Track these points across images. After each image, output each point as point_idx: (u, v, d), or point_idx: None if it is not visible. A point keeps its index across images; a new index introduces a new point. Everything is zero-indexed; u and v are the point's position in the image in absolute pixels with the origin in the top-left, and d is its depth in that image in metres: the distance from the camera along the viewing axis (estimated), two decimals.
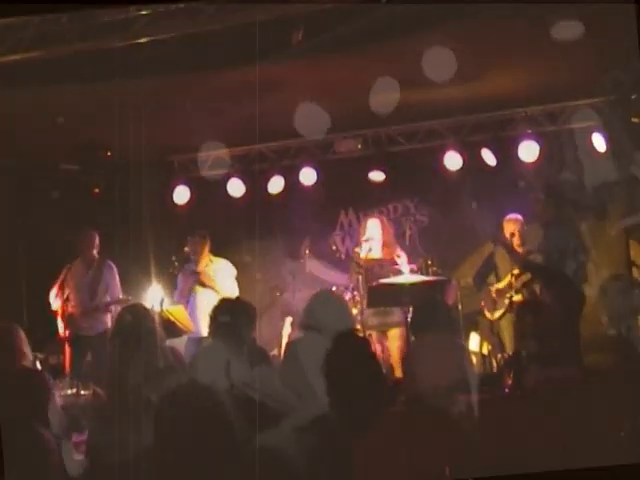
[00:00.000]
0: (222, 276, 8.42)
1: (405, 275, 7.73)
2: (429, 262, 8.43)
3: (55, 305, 8.30)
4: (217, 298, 8.12)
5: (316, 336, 4.82)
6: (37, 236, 9.32)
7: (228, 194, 10.05)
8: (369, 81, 7.23)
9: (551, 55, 7.22)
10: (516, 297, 7.89)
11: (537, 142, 9.17)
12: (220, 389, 3.98)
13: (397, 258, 8.13)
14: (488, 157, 9.24)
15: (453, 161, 9.45)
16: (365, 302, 7.75)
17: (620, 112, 8.41)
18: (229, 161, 10.22)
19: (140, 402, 3.85)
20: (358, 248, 8.20)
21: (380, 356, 7.42)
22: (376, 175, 9.71)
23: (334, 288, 8.28)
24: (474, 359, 8.10)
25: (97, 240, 8.53)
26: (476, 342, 8.44)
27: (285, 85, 7.68)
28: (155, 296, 8.41)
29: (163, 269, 8.61)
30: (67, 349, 8.17)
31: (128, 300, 8.26)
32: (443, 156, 9.47)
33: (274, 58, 6.74)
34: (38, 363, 6.46)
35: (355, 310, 7.85)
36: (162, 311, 7.72)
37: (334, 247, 8.61)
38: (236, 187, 10.04)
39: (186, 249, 8.57)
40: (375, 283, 7.67)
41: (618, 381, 3.59)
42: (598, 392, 3.42)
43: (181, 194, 10.11)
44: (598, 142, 8.71)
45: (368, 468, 3.11)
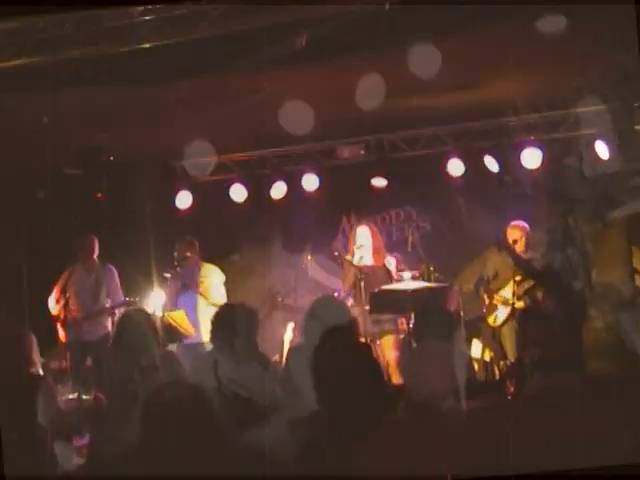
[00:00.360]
0: (210, 282, 8.41)
1: (407, 281, 7.72)
2: (431, 268, 8.43)
3: (55, 310, 8.29)
4: (206, 304, 8.22)
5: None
6: (39, 241, 9.32)
7: (230, 199, 10.05)
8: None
9: (553, 61, 7.22)
10: (518, 304, 7.88)
11: (540, 149, 9.17)
12: (210, 389, 3.99)
13: (387, 264, 8.17)
14: (491, 164, 9.25)
15: (456, 168, 9.46)
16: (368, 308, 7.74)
17: (623, 119, 8.40)
18: (232, 166, 10.24)
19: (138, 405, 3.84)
20: (349, 256, 8.24)
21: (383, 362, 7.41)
22: (378, 181, 9.71)
23: (336, 294, 8.27)
24: (476, 366, 8.10)
25: (96, 244, 8.53)
26: (478, 349, 8.43)
27: (288, 91, 7.68)
28: (157, 301, 8.42)
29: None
30: (67, 354, 8.16)
31: (133, 302, 8.27)
32: (446, 162, 9.48)
33: (277, 64, 6.75)
34: (40, 368, 6.45)
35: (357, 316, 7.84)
36: (163, 316, 7.73)
37: (336, 253, 8.59)
38: (238, 192, 10.05)
39: (175, 254, 8.56)
40: (377, 289, 7.66)
41: (621, 388, 3.58)
42: (601, 399, 3.41)
43: (183, 199, 10.11)
44: (601, 149, 8.71)
45: (368, 474, 3.10)
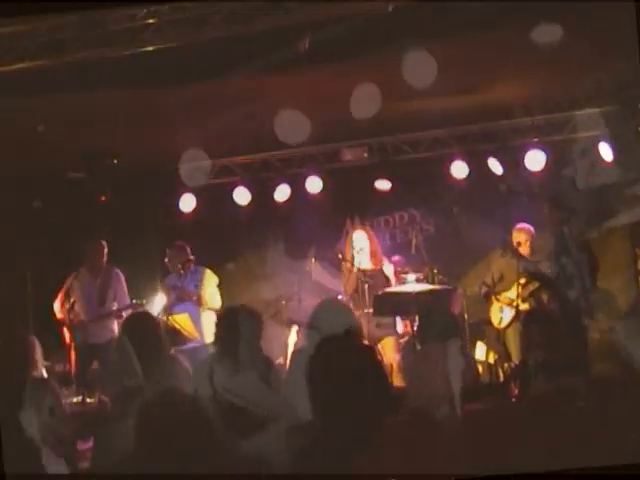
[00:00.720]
0: (211, 287, 8.40)
1: (411, 284, 7.71)
2: (435, 271, 8.42)
3: (60, 313, 8.30)
4: (201, 308, 8.21)
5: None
6: (43, 244, 9.34)
7: (234, 202, 10.06)
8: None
9: (556, 64, 7.21)
10: (523, 306, 7.87)
11: (544, 151, 9.17)
12: (205, 398, 4.00)
13: (385, 270, 8.18)
14: (494, 166, 9.24)
15: (459, 170, 9.46)
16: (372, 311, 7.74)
17: (627, 121, 8.40)
18: (235, 169, 10.25)
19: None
20: (346, 262, 8.24)
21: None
22: (382, 184, 9.71)
23: (340, 296, 8.27)
24: (480, 368, 8.09)
25: (105, 249, 8.53)
26: (482, 351, 8.42)
27: (292, 94, 7.68)
28: (161, 304, 8.41)
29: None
30: (72, 357, 8.16)
31: (140, 305, 8.27)
32: (449, 165, 9.48)
33: (280, 67, 6.75)
34: (44, 371, 6.45)
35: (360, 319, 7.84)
36: (167, 319, 7.72)
37: (340, 255, 8.59)
38: (242, 195, 10.05)
39: (166, 260, 8.55)
40: (381, 292, 7.66)
41: (625, 390, 3.57)
42: (605, 401, 3.41)
43: (187, 202, 10.11)
44: (605, 151, 8.70)
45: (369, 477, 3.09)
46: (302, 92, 7.72)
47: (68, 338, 8.27)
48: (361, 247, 8.20)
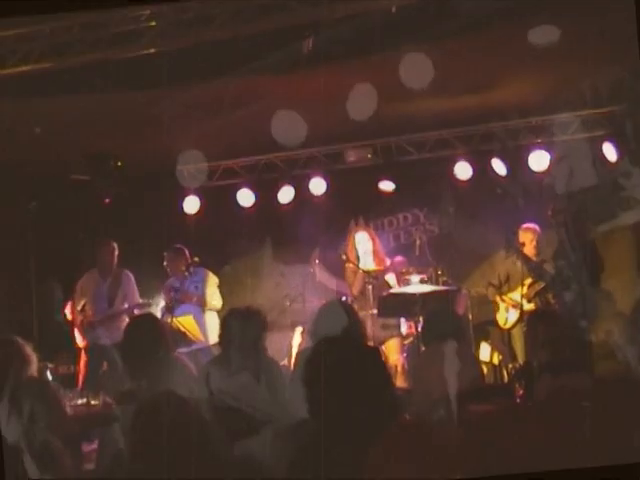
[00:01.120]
0: (204, 286, 8.39)
1: (415, 285, 7.71)
2: (439, 272, 8.42)
3: (70, 315, 8.33)
4: (203, 310, 8.22)
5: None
6: (48, 246, 9.34)
7: (238, 204, 10.06)
8: (379, 89, 7.22)
9: (560, 64, 7.20)
10: (528, 306, 7.85)
11: (548, 152, 9.15)
12: (201, 400, 3.99)
13: (387, 277, 8.18)
14: (498, 167, 9.23)
15: (463, 170, 9.45)
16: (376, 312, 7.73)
17: (631, 121, 8.37)
18: (239, 171, 10.25)
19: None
20: (349, 264, 8.23)
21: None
22: (386, 185, 9.71)
23: (344, 298, 8.27)
24: (485, 369, 8.08)
25: (116, 250, 8.54)
26: (487, 352, 8.41)
27: (295, 94, 7.68)
28: (164, 306, 8.41)
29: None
30: (82, 358, 8.17)
31: (148, 304, 8.27)
32: (453, 166, 9.48)
33: (284, 67, 6.75)
34: (48, 373, 6.45)
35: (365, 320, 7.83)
36: (171, 321, 7.72)
37: (344, 257, 8.58)
38: (246, 197, 10.06)
39: (165, 264, 8.55)
40: (386, 293, 7.65)
41: (629, 388, 3.56)
42: (611, 400, 3.40)
43: (191, 204, 10.11)
44: (609, 151, 8.68)
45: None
46: (305, 92, 7.72)
47: (78, 340, 8.29)
48: (364, 248, 8.20)
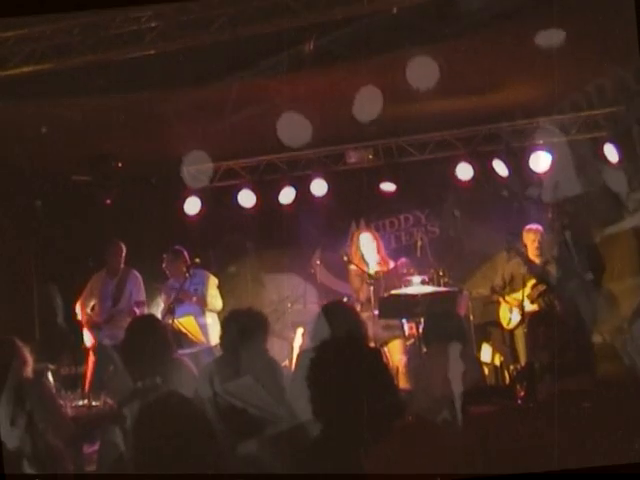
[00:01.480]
0: (205, 288, 8.39)
1: (417, 286, 7.71)
2: (440, 273, 8.41)
3: (79, 315, 8.36)
4: (203, 312, 8.22)
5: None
6: (49, 247, 9.34)
7: (239, 205, 10.05)
8: (381, 90, 7.23)
9: (561, 66, 7.20)
10: (532, 307, 7.85)
11: (549, 152, 9.15)
12: (205, 401, 3.99)
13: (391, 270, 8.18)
14: (500, 167, 9.23)
15: (464, 172, 9.45)
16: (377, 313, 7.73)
17: (632, 122, 8.38)
18: (240, 172, 10.25)
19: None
20: (353, 265, 8.23)
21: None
22: (387, 186, 9.71)
23: (345, 299, 8.26)
24: (486, 370, 8.07)
25: (124, 251, 8.55)
26: (488, 353, 8.40)
27: (296, 96, 7.68)
28: (164, 307, 8.40)
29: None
30: (90, 359, 8.17)
31: (150, 303, 8.28)
32: (454, 167, 9.47)
33: (285, 69, 6.74)
34: (50, 374, 6.45)
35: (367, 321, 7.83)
36: (173, 322, 7.72)
37: (345, 258, 8.58)
38: (247, 198, 10.05)
39: (163, 265, 8.55)
40: (387, 294, 7.65)
41: (631, 390, 3.56)
42: (612, 402, 3.40)
43: (192, 205, 10.11)
44: (610, 152, 8.68)
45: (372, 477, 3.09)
46: (306, 94, 7.72)
47: (87, 340, 8.31)
48: (369, 249, 8.21)
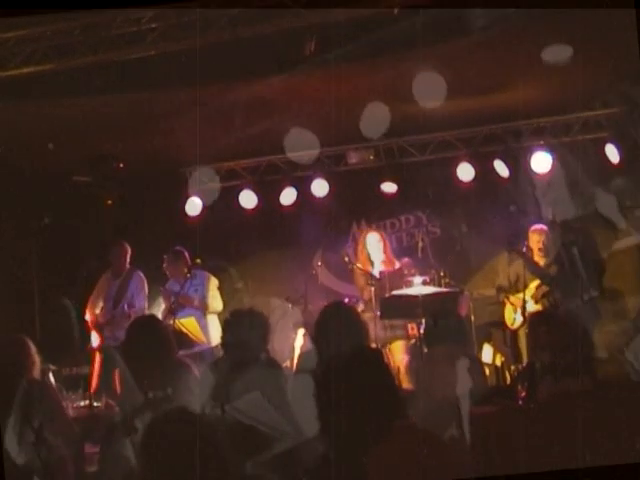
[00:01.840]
0: (205, 289, 8.38)
1: (418, 287, 7.70)
2: (441, 274, 8.40)
3: (87, 315, 8.38)
4: (204, 313, 8.21)
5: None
6: (50, 248, 9.35)
7: (240, 205, 10.05)
8: (382, 91, 7.24)
9: (562, 66, 7.20)
10: (535, 307, 7.84)
11: (550, 153, 9.14)
12: (212, 417, 3.98)
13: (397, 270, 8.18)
14: (501, 168, 9.23)
15: (465, 172, 9.45)
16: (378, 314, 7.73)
17: (633, 122, 8.38)
18: (241, 172, 10.25)
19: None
20: (360, 264, 8.23)
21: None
22: (388, 186, 9.70)
23: (346, 299, 8.26)
24: (487, 371, 8.07)
25: (129, 252, 8.55)
26: (489, 353, 8.39)
27: (297, 96, 7.68)
28: (165, 309, 8.40)
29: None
30: (97, 360, 8.17)
31: (147, 307, 8.28)
32: (455, 167, 9.46)
33: (286, 69, 6.75)
34: (51, 375, 6.45)
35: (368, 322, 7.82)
36: (174, 322, 7.72)
37: (346, 258, 8.58)
38: (248, 198, 10.04)
39: (164, 266, 8.55)
40: (388, 295, 7.65)
41: (631, 391, 3.56)
42: (612, 403, 3.40)
43: (193, 205, 10.11)
44: (611, 153, 8.68)
45: None
46: (307, 94, 7.73)
47: (93, 340, 8.32)
48: (376, 249, 8.21)
